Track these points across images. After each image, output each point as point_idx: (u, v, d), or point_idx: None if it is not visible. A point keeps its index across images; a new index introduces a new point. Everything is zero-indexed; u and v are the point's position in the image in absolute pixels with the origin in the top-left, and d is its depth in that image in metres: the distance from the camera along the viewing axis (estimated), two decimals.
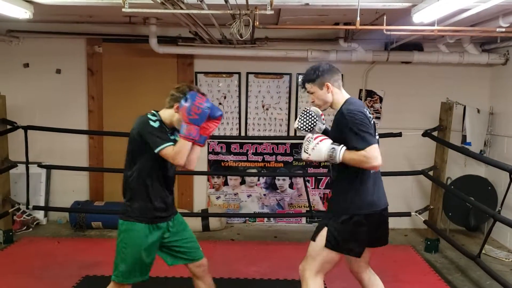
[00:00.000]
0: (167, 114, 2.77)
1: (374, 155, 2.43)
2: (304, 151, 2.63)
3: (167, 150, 2.56)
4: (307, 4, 3.49)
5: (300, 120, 2.77)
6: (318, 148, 2.54)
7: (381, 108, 5.73)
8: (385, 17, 3.85)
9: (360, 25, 3.63)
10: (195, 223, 5.43)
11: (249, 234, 5.50)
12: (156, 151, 2.57)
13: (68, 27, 5.42)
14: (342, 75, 2.77)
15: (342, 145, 2.51)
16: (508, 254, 4.89)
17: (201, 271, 2.91)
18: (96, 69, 5.68)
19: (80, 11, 4.66)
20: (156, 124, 2.66)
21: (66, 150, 5.69)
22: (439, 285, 4.09)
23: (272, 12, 3.38)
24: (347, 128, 2.50)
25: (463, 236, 5.47)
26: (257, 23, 3.62)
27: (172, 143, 2.60)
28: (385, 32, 3.96)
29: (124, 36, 5.54)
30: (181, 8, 3.44)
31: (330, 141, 2.56)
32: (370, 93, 5.72)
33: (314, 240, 2.71)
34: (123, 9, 3.38)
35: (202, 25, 4.36)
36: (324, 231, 2.65)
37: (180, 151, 2.55)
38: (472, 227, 5.41)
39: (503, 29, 3.83)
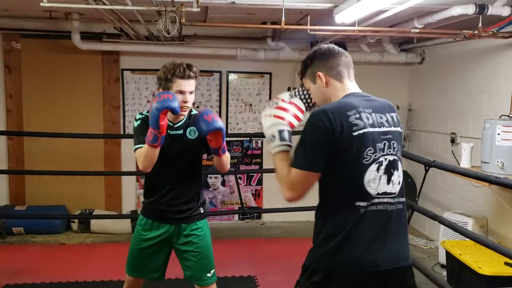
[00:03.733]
0: None
1: (289, 182, 1.72)
2: (263, 113, 1.91)
3: (136, 152, 2.43)
4: (233, 2, 3.52)
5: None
6: (268, 121, 1.85)
7: None
8: (309, 17, 3.96)
9: (286, 24, 3.71)
10: (124, 225, 5.31)
11: None
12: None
13: None
14: (341, 60, 1.86)
15: (285, 143, 1.80)
16: (427, 242, 5.21)
17: None
18: (14, 66, 5.38)
19: None
20: (136, 123, 2.48)
21: None
22: None
23: (199, 9, 3.37)
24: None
25: None
26: (184, 20, 3.60)
27: (143, 144, 2.36)
28: (309, 32, 4.07)
29: (44, 32, 5.28)
30: (104, 4, 3.35)
31: (282, 126, 1.83)
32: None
33: None
34: (42, 4, 3.23)
35: (127, 21, 4.26)
36: None
37: (140, 156, 2.39)
38: None
39: (417, 30, 4.07)
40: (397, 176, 1.77)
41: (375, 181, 1.71)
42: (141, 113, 2.51)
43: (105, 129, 5.56)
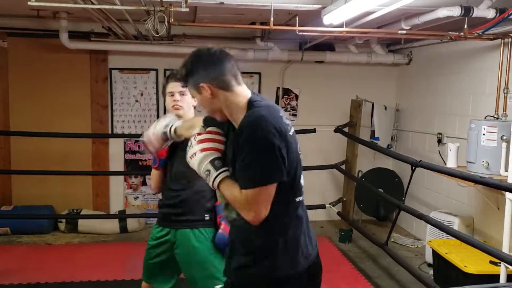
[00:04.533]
0: None
1: (253, 203, 1.59)
2: (188, 156, 1.77)
3: None
4: (222, 2, 3.52)
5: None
6: (196, 158, 1.71)
7: (297, 105, 5.92)
8: (297, 18, 3.98)
9: (274, 25, 3.73)
10: (112, 225, 5.29)
11: None
12: None
13: None
14: (224, 68, 1.71)
15: (223, 170, 1.67)
16: (414, 241, 5.26)
17: None
18: (1, 65, 5.34)
19: None
20: None
21: None
22: (352, 274, 4.32)
23: (187, 9, 3.37)
24: (241, 149, 1.61)
25: (375, 226, 5.80)
26: (172, 20, 3.60)
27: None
28: (298, 32, 4.09)
29: (32, 31, 5.23)
30: (92, 3, 3.33)
31: (213, 155, 1.69)
32: (287, 91, 5.89)
33: None
34: (29, 2, 3.21)
35: (116, 21, 4.24)
36: None
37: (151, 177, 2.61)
38: (382, 217, 5.77)
39: (404, 31, 4.11)
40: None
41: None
42: None
43: (93, 128, 5.53)
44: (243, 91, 1.75)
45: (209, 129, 1.77)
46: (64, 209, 5.38)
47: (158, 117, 5.63)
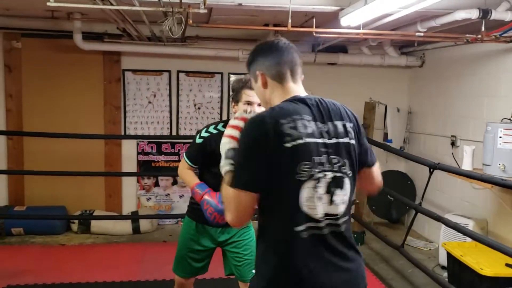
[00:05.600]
0: None
1: (225, 202, 1.55)
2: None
3: (182, 160, 2.67)
4: (240, 4, 3.53)
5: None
6: (222, 141, 1.68)
7: None
8: (314, 20, 3.98)
9: (291, 26, 3.72)
10: (124, 226, 5.30)
11: None
12: None
13: None
14: (282, 58, 1.65)
15: (230, 162, 1.59)
16: (426, 243, 5.24)
17: None
18: (15, 65, 5.35)
19: None
20: (199, 140, 2.60)
21: None
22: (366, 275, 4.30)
23: (206, 11, 3.38)
24: None
25: (386, 228, 5.79)
26: (191, 21, 3.60)
27: (189, 162, 2.61)
28: (314, 34, 4.09)
29: (45, 31, 5.25)
30: (111, 4, 3.34)
31: (231, 144, 1.63)
32: None
33: None
34: (48, 3, 3.22)
35: (131, 22, 4.26)
36: None
37: (182, 177, 2.68)
38: (394, 219, 5.75)
39: (422, 34, 4.09)
40: (342, 196, 1.55)
41: (312, 200, 1.49)
42: (207, 131, 2.61)
43: (106, 129, 5.55)
44: (293, 89, 1.64)
45: (245, 115, 1.69)
46: (77, 209, 5.39)
47: (171, 118, 5.65)
